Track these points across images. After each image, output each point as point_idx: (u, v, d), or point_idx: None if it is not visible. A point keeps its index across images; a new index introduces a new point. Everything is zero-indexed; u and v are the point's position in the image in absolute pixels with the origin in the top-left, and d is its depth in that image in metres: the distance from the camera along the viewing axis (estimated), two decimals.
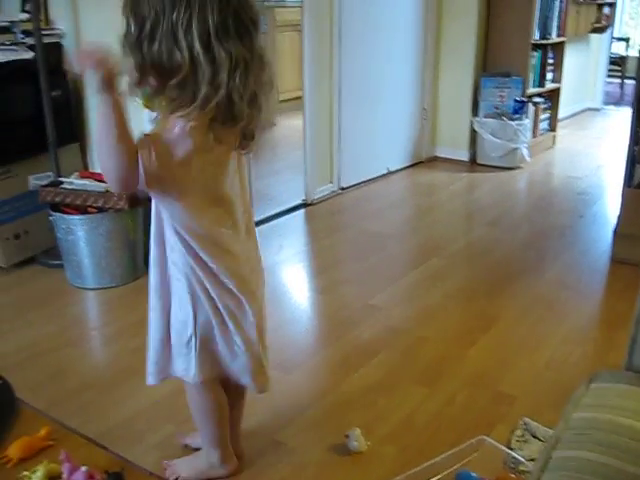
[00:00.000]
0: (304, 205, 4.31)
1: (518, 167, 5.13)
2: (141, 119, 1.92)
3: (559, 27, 5.51)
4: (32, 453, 1.13)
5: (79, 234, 3.01)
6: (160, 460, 1.85)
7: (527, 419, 2.03)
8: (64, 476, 1.08)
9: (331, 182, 4.49)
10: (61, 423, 1.24)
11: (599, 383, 1.25)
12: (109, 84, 1.36)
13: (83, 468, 1.06)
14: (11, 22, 3.21)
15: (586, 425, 1.09)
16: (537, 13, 5.06)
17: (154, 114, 1.55)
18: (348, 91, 4.44)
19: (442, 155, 5.42)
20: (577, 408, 1.18)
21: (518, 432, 2.01)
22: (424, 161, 5.35)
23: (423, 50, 5.10)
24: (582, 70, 7.17)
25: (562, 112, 6.15)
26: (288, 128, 5.18)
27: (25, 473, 1.09)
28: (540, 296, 3.01)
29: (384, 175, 4.96)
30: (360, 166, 4.72)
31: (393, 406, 2.21)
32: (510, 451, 1.85)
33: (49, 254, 3.39)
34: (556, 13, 5.40)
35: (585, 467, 0.98)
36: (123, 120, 1.39)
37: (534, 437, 1.98)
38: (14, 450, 1.13)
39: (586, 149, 5.86)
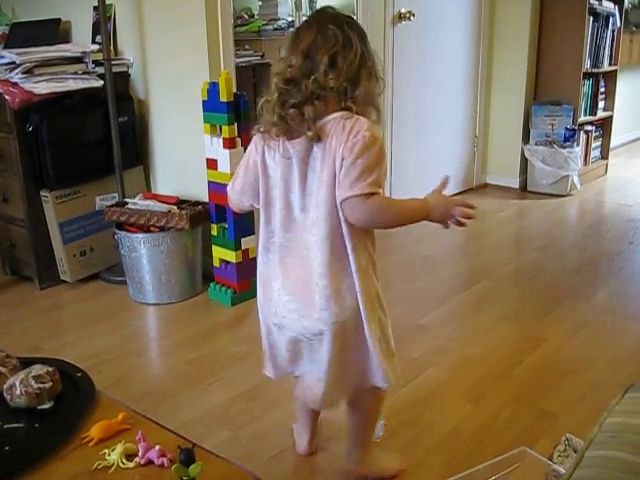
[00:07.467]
0: None
1: (569, 194, 5.16)
2: None
3: (611, 56, 5.55)
4: (111, 434, 1.26)
5: (142, 251, 3.18)
6: None
7: (569, 435, 2.07)
8: (139, 453, 1.20)
9: None
10: (135, 411, 1.36)
11: (634, 393, 1.32)
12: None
13: (157, 447, 1.18)
14: (83, 53, 3.41)
15: (617, 429, 1.17)
16: (588, 42, 5.10)
17: None
18: (400, 121, 4.56)
19: (492, 182, 5.48)
20: (610, 414, 1.25)
21: (560, 447, 2.05)
22: (474, 188, 5.41)
23: (475, 80, 5.18)
24: (636, 98, 7.16)
25: (615, 140, 6.15)
26: None
27: (105, 450, 1.21)
28: (587, 320, 3.05)
29: None
30: (411, 193, 4.78)
31: (439, 420, 2.29)
32: (552, 463, 1.90)
33: (111, 271, 3.56)
34: (608, 42, 5.43)
35: (613, 464, 1.07)
36: None
37: (576, 452, 2.03)
38: (95, 432, 1.25)
39: (638, 177, 5.84)
